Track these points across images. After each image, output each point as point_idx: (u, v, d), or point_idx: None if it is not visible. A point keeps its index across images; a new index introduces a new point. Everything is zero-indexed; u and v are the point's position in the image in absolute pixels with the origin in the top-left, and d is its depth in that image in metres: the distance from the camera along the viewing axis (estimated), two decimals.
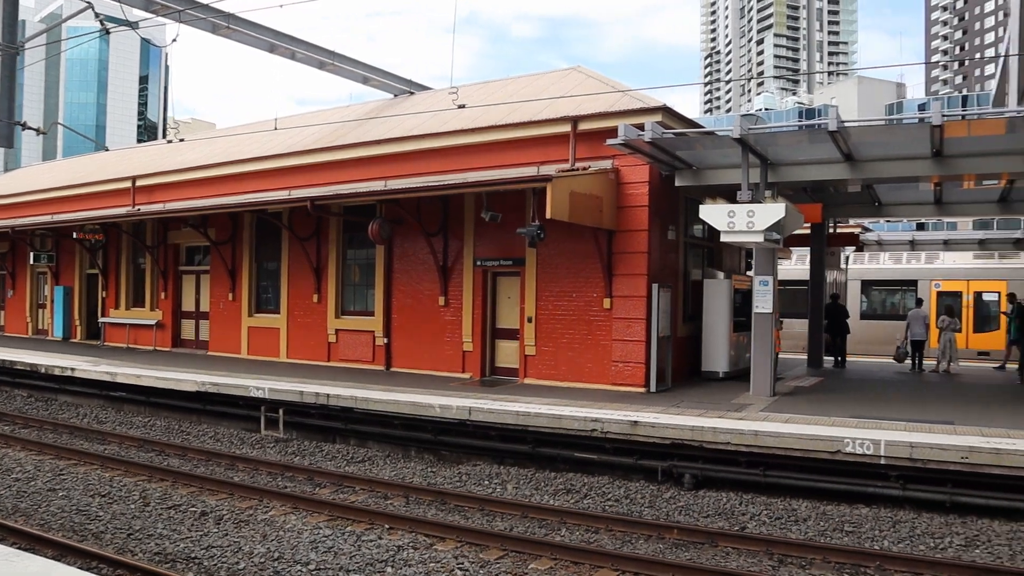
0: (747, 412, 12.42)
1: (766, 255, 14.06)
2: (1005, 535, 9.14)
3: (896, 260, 26.20)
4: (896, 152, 13.30)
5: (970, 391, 15.89)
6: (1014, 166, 12.91)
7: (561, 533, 9.31)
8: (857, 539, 9.08)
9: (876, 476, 10.31)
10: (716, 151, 13.72)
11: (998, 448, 9.79)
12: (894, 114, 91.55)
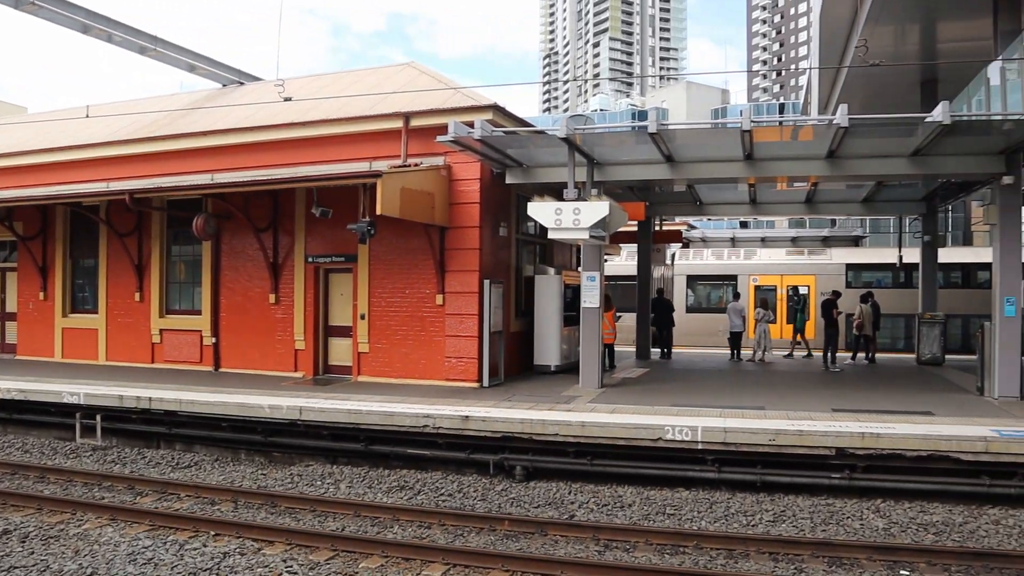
0: (576, 404, 12.81)
1: (593, 251, 14.55)
2: (808, 509, 9.87)
3: (718, 256, 27.74)
4: (712, 154, 14.10)
5: (782, 378, 17.05)
6: (816, 169, 13.98)
7: (394, 530, 9.27)
8: (678, 521, 9.55)
9: (695, 461, 10.89)
10: (545, 150, 14.05)
11: (801, 430, 10.58)
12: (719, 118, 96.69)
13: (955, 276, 25.76)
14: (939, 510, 9.82)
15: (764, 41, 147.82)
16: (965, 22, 15.48)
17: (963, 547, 8.36)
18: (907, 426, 10.80)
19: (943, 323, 19.46)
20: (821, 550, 8.23)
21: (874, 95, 20.42)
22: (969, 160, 13.38)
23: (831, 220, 34.61)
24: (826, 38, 18.20)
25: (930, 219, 20.11)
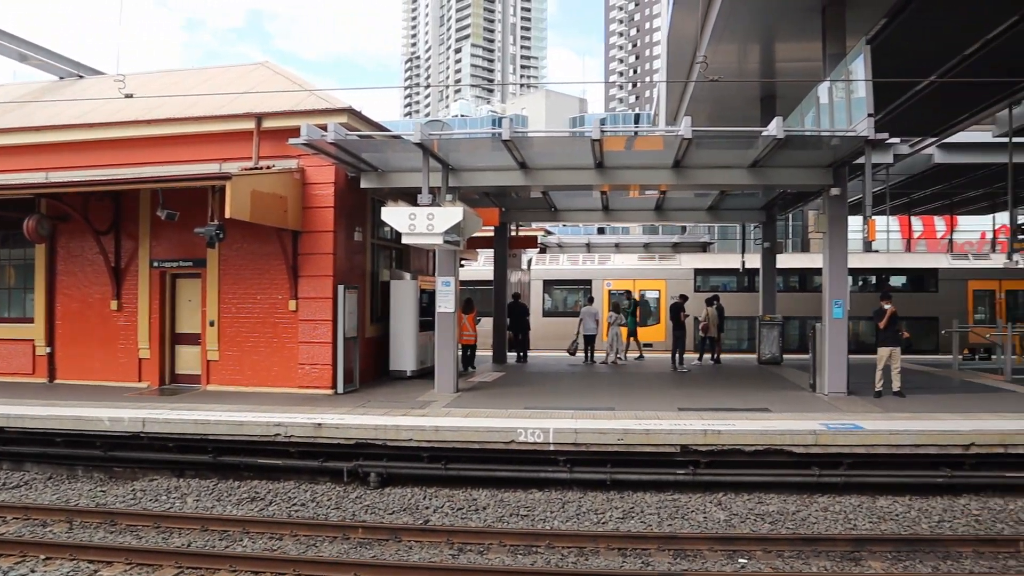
0: (430, 409, 12.82)
1: (448, 257, 14.62)
2: (655, 505, 10.25)
3: (574, 261, 28.42)
4: (565, 162, 14.45)
5: (632, 379, 17.62)
6: (664, 178, 14.56)
7: (243, 543, 8.99)
8: (531, 522, 9.70)
9: (547, 462, 11.10)
10: (401, 154, 14.01)
11: (648, 429, 10.98)
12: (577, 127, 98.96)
13: (793, 280, 27.43)
14: (775, 500, 10.42)
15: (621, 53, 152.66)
16: (799, 44, 16.52)
17: (795, 534, 8.92)
18: (746, 423, 11.40)
19: (781, 325, 20.68)
20: (667, 543, 8.57)
21: (719, 109, 21.46)
22: (802, 172, 14.29)
23: (681, 227, 36.16)
24: (674, 53, 19.01)
25: (769, 227, 21.33)
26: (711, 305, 20.99)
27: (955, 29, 16.39)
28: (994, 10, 15.46)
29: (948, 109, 22.20)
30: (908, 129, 25.78)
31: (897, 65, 16.91)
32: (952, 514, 9.88)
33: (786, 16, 15.30)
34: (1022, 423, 11.32)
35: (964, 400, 13.85)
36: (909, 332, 15.86)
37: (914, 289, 27.31)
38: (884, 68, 13.73)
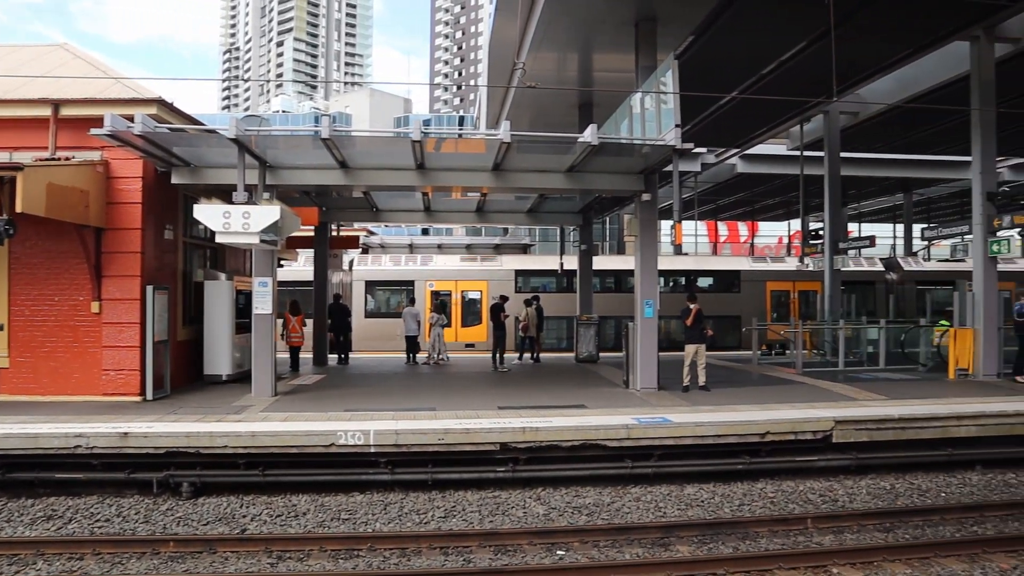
0: (247, 414, 12.37)
1: (265, 257, 14.16)
2: (476, 503, 10.36)
3: (396, 262, 28.29)
4: (387, 162, 14.36)
5: (454, 379, 17.74)
6: (484, 181, 14.77)
7: (37, 567, 8.31)
8: (353, 525, 9.56)
9: (368, 464, 10.98)
10: (216, 150, 13.44)
11: (468, 428, 11.09)
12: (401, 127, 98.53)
13: (609, 281, 28.58)
14: (591, 493, 10.81)
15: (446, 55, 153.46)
16: (615, 55, 17.25)
17: (610, 524, 9.30)
18: (563, 419, 11.76)
19: (597, 324, 21.49)
20: (488, 540, 8.70)
21: (540, 114, 22.03)
22: (616, 178, 14.92)
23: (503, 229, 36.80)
24: (495, 58, 19.32)
25: (586, 230, 22.12)
26: (531, 305, 21.48)
27: (754, 50, 17.68)
28: (788, 34, 16.81)
29: (749, 123, 23.88)
30: (714, 140, 27.53)
31: (704, 80, 18.00)
32: (751, 498, 10.62)
33: (602, 28, 15.95)
34: (809, 412, 12.36)
35: (761, 392, 14.93)
36: (714, 330, 16.89)
37: (719, 290, 29.15)
38: (692, 82, 14.59)
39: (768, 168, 31.76)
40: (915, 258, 32.33)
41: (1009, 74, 18.00)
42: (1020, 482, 11.60)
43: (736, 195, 39.41)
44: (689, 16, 15.43)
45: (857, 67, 18.33)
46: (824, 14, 12.63)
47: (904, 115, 22.15)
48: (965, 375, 16.72)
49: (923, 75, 19.93)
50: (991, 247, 16.49)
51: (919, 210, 43.97)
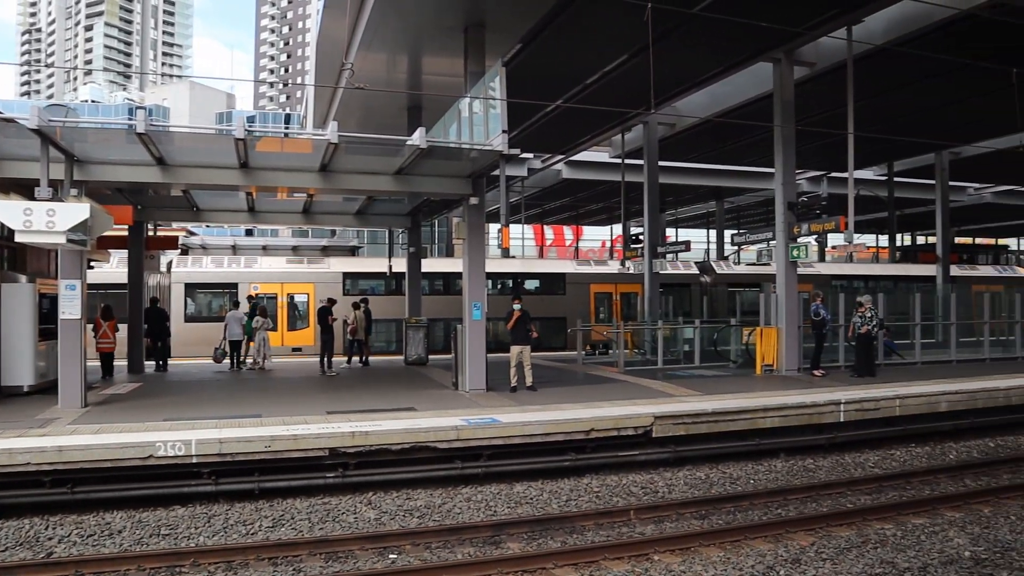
0: (53, 427, 11.50)
1: (73, 258, 13.19)
2: (306, 511, 10.12)
3: (219, 264, 27.15)
4: (208, 160, 13.77)
5: (281, 385, 17.27)
6: (311, 182, 14.46)
7: None
8: (174, 540, 9.09)
9: (190, 475, 10.48)
10: (15, 141, 12.36)
11: (296, 434, 10.83)
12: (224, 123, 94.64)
13: (438, 284, 28.68)
14: (422, 495, 10.82)
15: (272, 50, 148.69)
16: (444, 59, 17.33)
17: (442, 525, 9.34)
18: (393, 422, 11.72)
19: (426, 327, 21.53)
20: (318, 547, 8.52)
21: (369, 116, 21.80)
22: (444, 181, 15.00)
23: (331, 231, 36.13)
24: (323, 57, 18.95)
25: (415, 232, 22.11)
26: (359, 308, 21.22)
27: (579, 60, 18.31)
28: (610, 48, 17.52)
29: (574, 130, 24.67)
30: (541, 146, 28.24)
31: (531, 87, 18.43)
32: (577, 493, 10.98)
33: (431, 32, 16.01)
34: (631, 409, 12.94)
35: (586, 391, 15.46)
36: (541, 331, 17.32)
37: (545, 292, 29.90)
38: (519, 89, 14.92)
39: (592, 174, 32.91)
40: (727, 262, 34.46)
41: (806, 94, 19.59)
42: (818, 467, 12.63)
43: (562, 200, 40.61)
44: (517, 25, 15.77)
45: (674, 81, 19.37)
46: (644, 31, 13.26)
47: (716, 128, 23.61)
48: (770, 370, 18.01)
49: (734, 92, 21.35)
50: (791, 252, 17.85)
51: (730, 217, 46.93)
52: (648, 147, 24.38)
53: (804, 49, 18.20)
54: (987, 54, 17.30)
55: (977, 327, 22.43)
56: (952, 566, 8.03)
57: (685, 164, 31.75)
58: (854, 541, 8.80)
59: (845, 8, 15.30)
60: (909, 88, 20.94)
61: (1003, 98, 18.17)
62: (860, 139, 17.47)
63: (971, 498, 10.47)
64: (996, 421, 15.25)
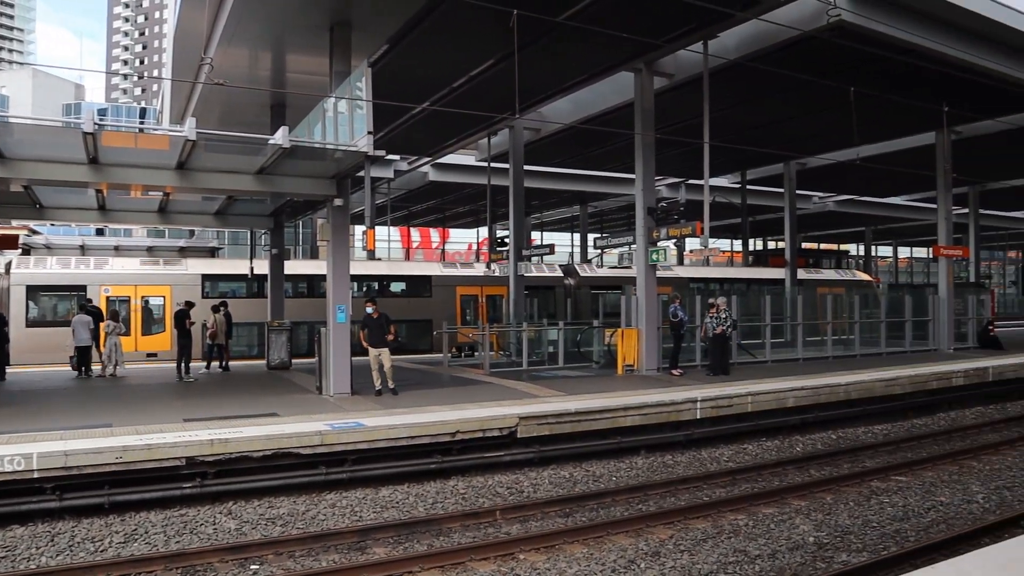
0: None
1: None
2: (161, 524, 9.69)
3: (65, 265, 25.59)
4: (53, 154, 12.98)
5: (134, 392, 16.49)
6: (167, 180, 13.87)
7: None
8: (12, 563, 8.50)
9: (31, 492, 9.84)
10: None
11: (150, 444, 10.36)
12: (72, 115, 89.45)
13: (302, 286, 28.06)
14: (285, 503, 10.57)
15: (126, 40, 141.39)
16: (309, 57, 16.97)
17: (306, 532, 9.17)
18: (254, 428, 11.39)
19: (290, 330, 21.02)
20: (174, 562, 8.19)
21: (230, 112, 21.07)
22: (308, 182, 14.72)
23: (190, 231, 34.77)
24: (181, 50, 18.17)
25: (278, 233, 21.57)
26: (219, 311, 20.50)
27: (446, 64, 18.36)
28: (477, 52, 17.65)
29: (441, 133, 24.71)
30: (408, 148, 28.14)
31: (398, 88, 18.34)
32: (444, 495, 11.00)
33: (296, 29, 15.68)
34: (496, 410, 13.07)
35: (452, 393, 15.50)
36: (407, 334, 17.24)
37: (411, 295, 29.76)
38: (386, 90, 14.82)
39: (458, 177, 33.05)
40: (590, 265, 35.29)
41: (666, 104, 20.35)
42: (676, 462, 13.14)
43: (428, 202, 40.57)
44: (384, 25, 15.65)
45: (539, 88, 19.71)
46: (510, 37, 13.44)
47: (580, 134, 24.18)
48: (631, 370, 18.57)
49: (597, 99, 21.91)
50: (651, 256, 18.49)
51: (593, 221, 48.12)
52: (514, 151, 24.70)
53: (664, 61, 18.90)
54: (828, 73, 18.47)
55: (821, 327, 23.85)
56: (798, 551, 8.54)
57: (550, 169, 32.34)
58: (710, 532, 9.21)
59: (701, 24, 15.97)
60: (760, 102, 22.14)
61: (843, 114, 19.46)
62: (715, 148, 18.30)
63: (815, 487, 11.16)
64: (838, 415, 16.30)
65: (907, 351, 24.32)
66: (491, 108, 17.90)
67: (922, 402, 17.94)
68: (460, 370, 20.01)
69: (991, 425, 16.40)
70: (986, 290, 33.35)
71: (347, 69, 14.84)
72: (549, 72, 18.87)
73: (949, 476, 12.01)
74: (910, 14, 16.45)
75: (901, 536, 9.11)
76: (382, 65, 17.01)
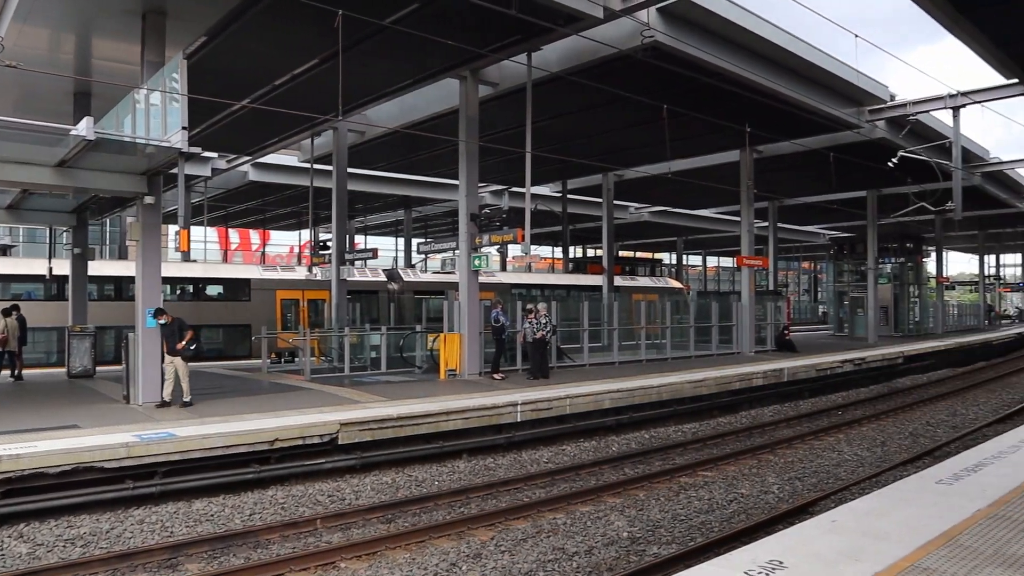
0: None
1: None
2: None
3: None
4: None
5: None
6: None
7: None
8: None
9: None
10: None
11: None
12: None
13: (109, 288, 26.34)
14: (87, 521, 9.86)
15: None
16: (119, 44, 15.86)
17: (110, 552, 8.62)
18: (51, 442, 10.58)
19: (94, 335, 19.65)
20: None
21: (28, 98, 19.40)
22: (116, 177, 13.83)
23: None
24: None
25: (81, 231, 20.14)
26: (10, 315, 18.88)
27: (268, 60, 17.81)
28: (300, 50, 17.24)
29: (262, 131, 23.95)
30: (227, 145, 27.06)
31: (217, 83, 17.62)
32: (262, 506, 10.65)
33: (105, 13, 14.66)
34: (317, 417, 12.81)
35: (271, 400, 15.03)
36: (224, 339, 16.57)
37: (229, 298, 28.59)
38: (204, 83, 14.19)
39: (280, 178, 32.16)
40: (414, 270, 35.28)
41: (491, 112, 20.69)
42: (498, 465, 13.36)
43: (248, 203, 39.19)
44: (202, 15, 14.93)
45: (364, 90, 19.51)
46: (335, 37, 13.22)
47: (406, 139, 24.13)
48: (454, 375, 18.71)
49: (424, 104, 21.95)
50: (473, 262, 18.73)
51: (418, 226, 48.14)
52: (337, 153, 24.31)
53: (489, 70, 19.21)
54: (644, 90, 19.42)
55: (636, 332, 24.98)
56: (613, 546, 8.91)
57: (375, 172, 32.10)
58: (529, 532, 9.45)
59: (525, 36, 16.36)
60: (581, 114, 22.94)
61: (658, 130, 20.53)
62: (538, 157, 18.78)
63: (629, 485, 11.69)
64: (650, 415, 17.13)
65: (714, 354, 25.90)
66: (315, 109, 17.52)
67: (727, 402, 19.20)
68: (280, 376, 19.45)
69: (786, 422, 17.77)
70: (783, 298, 36.06)
71: (161, 60, 14.05)
72: (375, 75, 18.72)
73: (749, 470, 12.91)
74: (718, 39, 17.63)
75: (707, 528, 9.71)
76: (199, 57, 16.25)
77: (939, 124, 25.64)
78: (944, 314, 44.51)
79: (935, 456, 13.53)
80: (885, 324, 38.63)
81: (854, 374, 24.64)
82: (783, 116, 22.19)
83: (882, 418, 18.30)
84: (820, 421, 17.87)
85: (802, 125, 23.53)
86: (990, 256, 64.85)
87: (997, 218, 45.89)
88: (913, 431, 16.63)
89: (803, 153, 26.15)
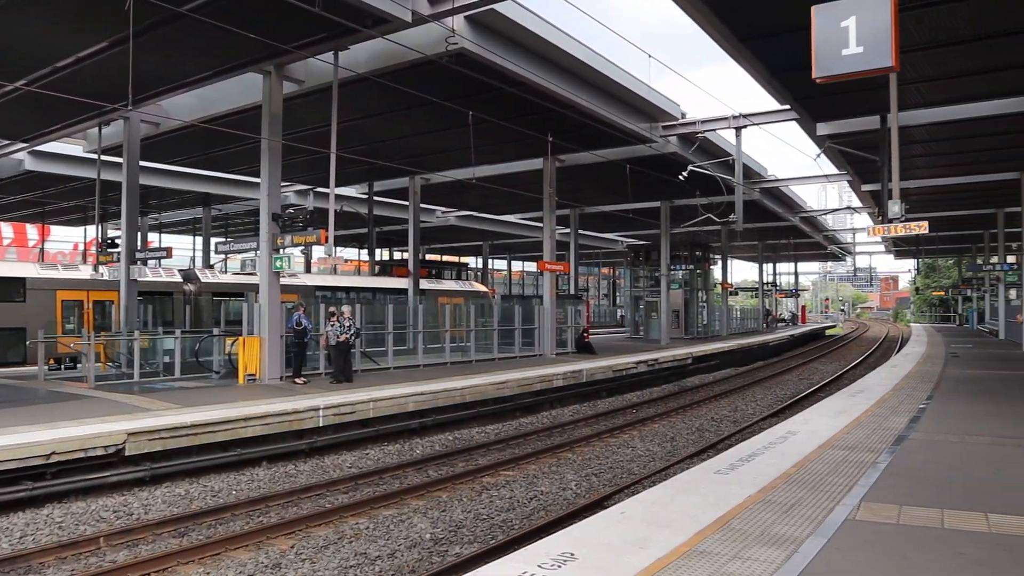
0: None
1: None
2: None
3: None
4: None
5: None
6: None
7: None
8: None
9: None
10: None
11: None
12: None
13: None
14: None
15: None
16: None
17: None
18: None
19: None
20: None
21: None
22: None
23: None
24: None
25: None
26: None
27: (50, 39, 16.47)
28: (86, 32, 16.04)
29: (42, 117, 22.13)
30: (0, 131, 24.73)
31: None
32: (36, 527, 9.79)
33: None
34: (101, 427, 11.94)
35: (49, 410, 13.85)
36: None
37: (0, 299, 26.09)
38: None
39: (63, 169, 29.75)
40: (212, 270, 33.71)
41: (296, 110, 20.17)
42: (300, 471, 13.03)
43: (24, 194, 35.92)
44: None
45: (159, 79, 18.46)
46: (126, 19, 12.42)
47: (205, 133, 22.98)
48: (254, 380, 18.05)
49: (224, 98, 21.01)
50: (275, 263, 18.17)
51: (218, 224, 46.05)
52: (129, 145, 22.77)
53: (295, 66, 18.67)
54: (451, 96, 19.61)
55: (441, 335, 25.15)
56: (416, 548, 8.94)
57: (171, 167, 30.43)
58: (331, 538, 9.29)
59: (332, 35, 16.06)
60: (388, 116, 22.82)
61: (464, 135, 20.78)
62: (343, 158, 18.48)
63: (433, 487, 11.76)
64: (455, 417, 17.30)
65: (517, 356, 26.53)
66: (103, 96, 16.37)
67: (529, 403, 19.73)
68: (60, 384, 18.00)
69: (584, 421, 18.50)
70: (583, 302, 37.53)
71: None
72: (171, 64, 17.74)
73: (549, 468, 13.34)
74: (522, 50, 18.08)
75: (508, 525, 9.94)
76: None
77: (724, 142, 27.63)
78: (729, 317, 48.10)
79: (718, 448, 14.56)
80: (677, 327, 41.18)
81: (648, 374, 26.04)
82: (583, 128, 23.11)
83: (672, 415, 19.48)
84: (616, 420, 18.74)
85: (601, 137, 24.58)
86: (768, 264, 70.53)
87: (773, 230, 50.31)
88: (699, 426, 17.82)
89: (602, 164, 27.33)
